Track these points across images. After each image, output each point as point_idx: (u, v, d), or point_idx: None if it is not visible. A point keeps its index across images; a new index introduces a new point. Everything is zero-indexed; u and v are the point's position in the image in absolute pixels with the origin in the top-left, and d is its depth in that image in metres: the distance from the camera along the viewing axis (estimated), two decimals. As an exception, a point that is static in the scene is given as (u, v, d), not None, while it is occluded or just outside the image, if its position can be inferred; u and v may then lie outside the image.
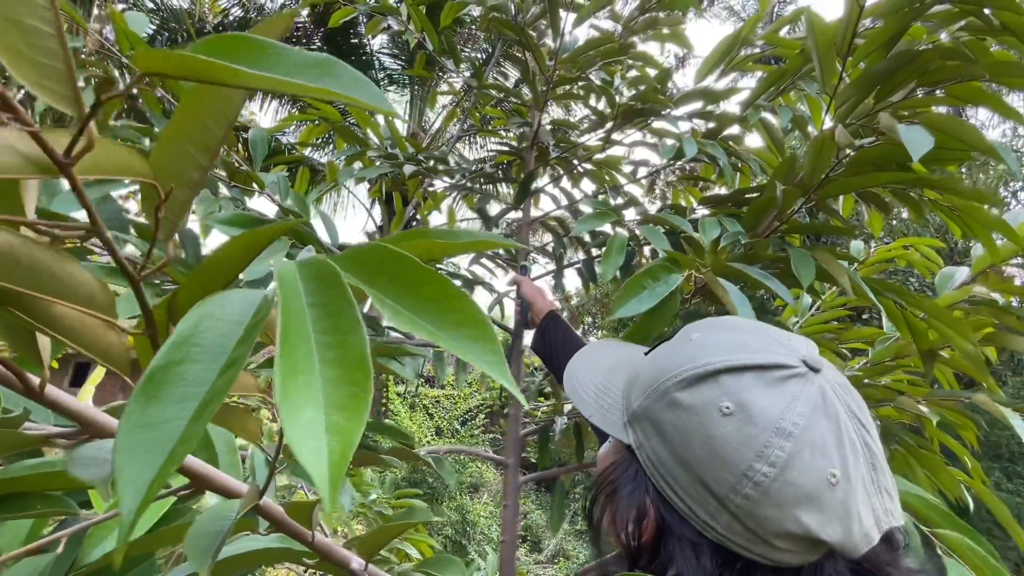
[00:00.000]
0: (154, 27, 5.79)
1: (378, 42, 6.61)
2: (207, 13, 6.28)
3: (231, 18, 6.22)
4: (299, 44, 6.33)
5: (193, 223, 0.96)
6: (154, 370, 0.20)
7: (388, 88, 6.84)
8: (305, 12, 6.17)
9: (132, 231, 0.74)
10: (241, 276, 0.79)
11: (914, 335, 0.84)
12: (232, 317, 0.24)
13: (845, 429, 0.35)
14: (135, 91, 1.13)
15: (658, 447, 0.37)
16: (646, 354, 0.45)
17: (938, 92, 0.84)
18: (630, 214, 1.22)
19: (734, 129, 1.27)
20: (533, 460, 1.27)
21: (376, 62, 6.71)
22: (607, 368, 0.48)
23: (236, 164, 1.10)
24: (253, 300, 0.24)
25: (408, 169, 1.30)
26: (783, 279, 0.73)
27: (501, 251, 1.58)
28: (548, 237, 1.54)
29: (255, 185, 1.16)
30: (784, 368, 0.36)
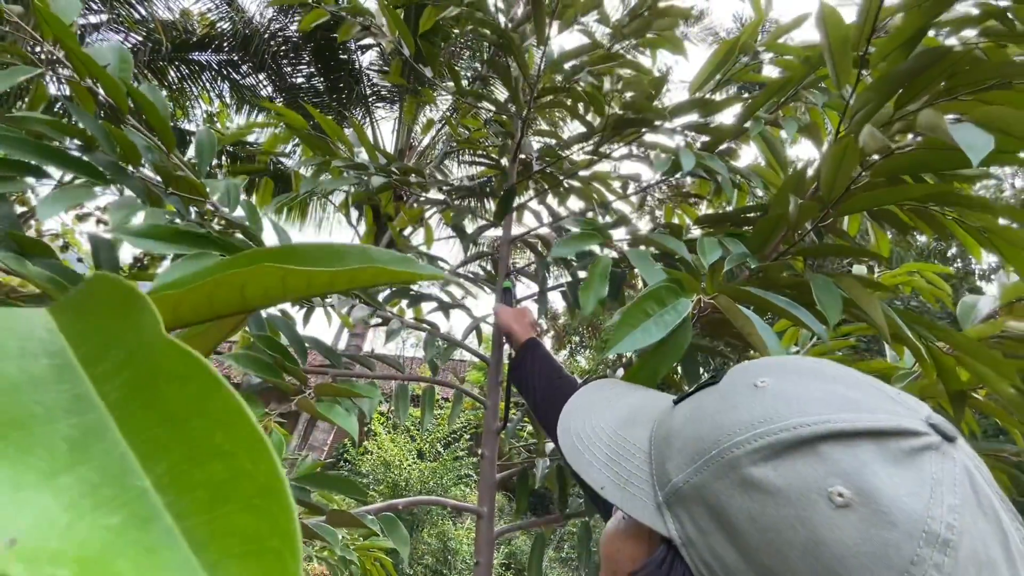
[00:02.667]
0: (140, 38, 5.66)
1: (367, 59, 6.55)
2: (195, 24, 6.18)
3: (218, 30, 6.12)
4: (287, 60, 6.24)
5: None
6: None
7: (377, 105, 6.76)
8: (294, 27, 6.11)
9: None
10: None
11: (942, 375, 0.73)
12: None
13: (1008, 530, 0.24)
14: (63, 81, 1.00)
15: (723, 548, 0.26)
16: (676, 402, 0.33)
17: (961, 98, 0.74)
18: (620, 233, 1.11)
19: (731, 142, 1.17)
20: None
21: (365, 78, 6.64)
22: (620, 419, 0.36)
23: (176, 169, 0.97)
24: None
25: (376, 181, 1.18)
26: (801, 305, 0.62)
27: (480, 270, 1.45)
28: (531, 255, 1.43)
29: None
30: (911, 436, 0.25)
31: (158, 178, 0.95)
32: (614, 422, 0.36)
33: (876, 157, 0.57)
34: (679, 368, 0.91)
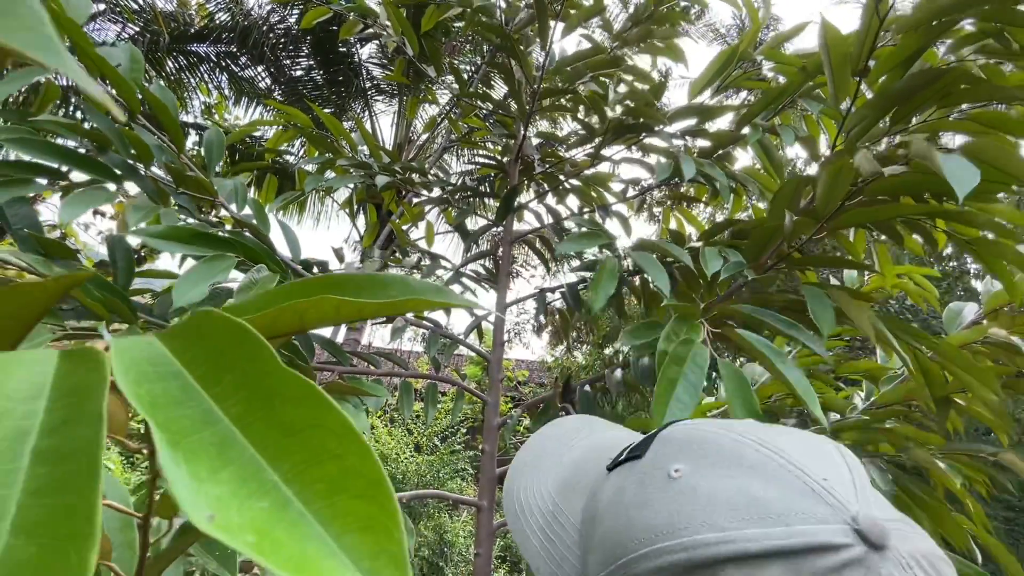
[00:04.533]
0: (137, 28, 5.63)
1: (366, 52, 6.53)
2: (193, 16, 6.14)
3: (217, 22, 6.09)
4: (286, 52, 6.21)
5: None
6: None
7: (376, 99, 6.75)
8: (293, 19, 6.08)
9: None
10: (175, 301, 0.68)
11: (928, 380, 0.77)
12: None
13: None
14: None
15: None
16: (609, 469, 0.31)
17: (952, 116, 0.77)
18: (622, 240, 1.14)
19: (728, 147, 1.20)
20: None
21: (364, 72, 6.63)
22: (561, 481, 0.33)
23: (187, 167, 0.99)
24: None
25: (380, 180, 1.21)
26: (793, 318, 0.65)
27: (483, 270, 1.48)
28: (531, 254, 1.45)
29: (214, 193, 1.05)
30: (828, 551, 0.22)
31: (168, 177, 0.97)
32: (554, 486, 0.34)
33: (870, 177, 0.60)
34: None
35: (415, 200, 1.66)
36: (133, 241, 0.84)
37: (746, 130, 1.07)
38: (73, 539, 0.09)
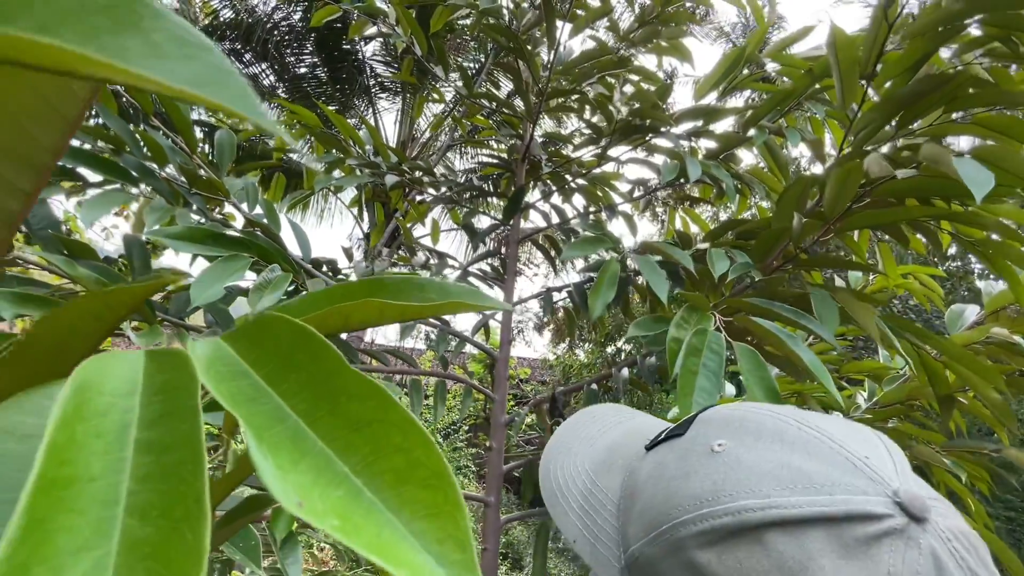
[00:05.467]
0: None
1: (370, 49, 6.54)
2: (198, 13, 6.16)
3: (221, 19, 6.10)
4: (290, 49, 6.22)
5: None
6: None
7: (380, 96, 6.75)
8: (297, 16, 6.09)
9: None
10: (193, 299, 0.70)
11: (931, 379, 0.78)
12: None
13: None
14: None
15: None
16: (648, 448, 0.32)
17: (955, 117, 0.78)
18: (627, 238, 1.15)
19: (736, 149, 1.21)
20: (517, 475, 1.18)
21: (368, 69, 6.64)
22: (597, 463, 0.34)
23: (198, 168, 1.00)
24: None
25: (390, 179, 1.22)
26: (799, 316, 0.66)
27: (489, 268, 1.49)
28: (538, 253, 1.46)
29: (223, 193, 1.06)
30: (869, 520, 0.23)
31: (182, 178, 0.99)
32: (591, 466, 0.34)
33: (879, 179, 0.61)
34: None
35: (420, 199, 1.67)
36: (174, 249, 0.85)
37: (752, 131, 1.08)
38: (187, 520, 0.10)
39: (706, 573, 0.24)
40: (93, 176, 0.85)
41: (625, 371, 0.99)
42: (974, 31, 0.78)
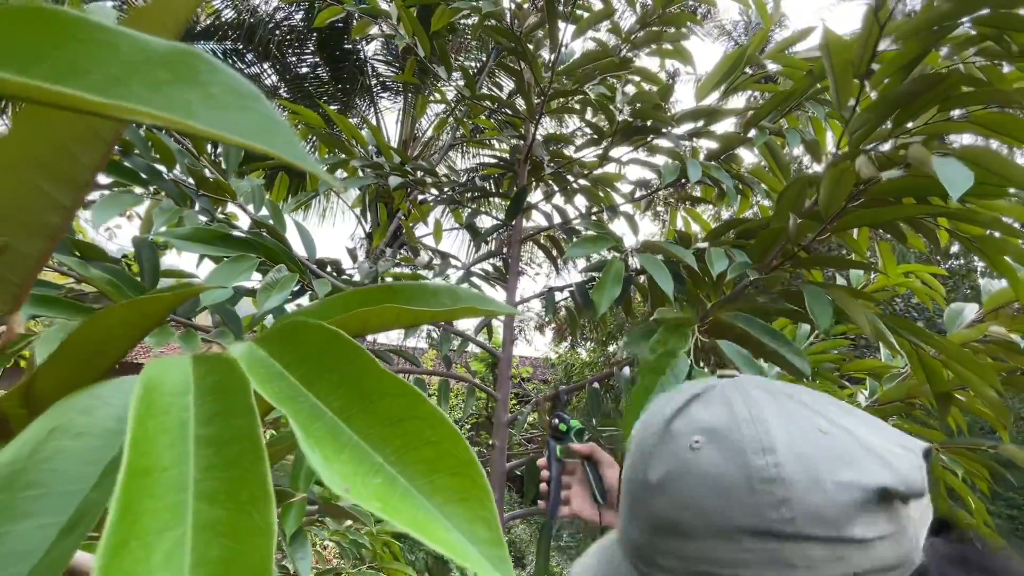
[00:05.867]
0: (142, 24, 5.65)
1: (371, 48, 6.54)
2: (199, 13, 6.17)
3: (223, 19, 6.12)
4: (292, 49, 6.23)
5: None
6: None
7: (381, 95, 6.76)
8: (299, 16, 6.10)
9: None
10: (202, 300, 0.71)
11: (929, 376, 0.79)
12: (102, 427, 0.16)
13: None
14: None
15: None
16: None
17: (954, 115, 0.79)
18: (628, 238, 1.16)
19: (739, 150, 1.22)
20: (519, 473, 1.19)
21: (369, 68, 6.65)
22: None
23: (204, 171, 1.02)
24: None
25: (393, 180, 1.23)
26: (795, 315, 0.67)
27: (491, 268, 1.51)
28: (540, 252, 1.48)
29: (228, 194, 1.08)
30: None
31: (189, 180, 1.00)
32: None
33: (870, 179, 0.62)
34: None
35: (422, 199, 1.68)
36: (182, 250, 0.87)
37: (753, 132, 1.09)
38: (253, 502, 0.11)
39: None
40: (102, 178, 0.86)
41: (627, 370, 1.00)
42: (969, 30, 0.79)
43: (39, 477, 0.14)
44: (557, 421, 0.66)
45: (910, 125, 0.77)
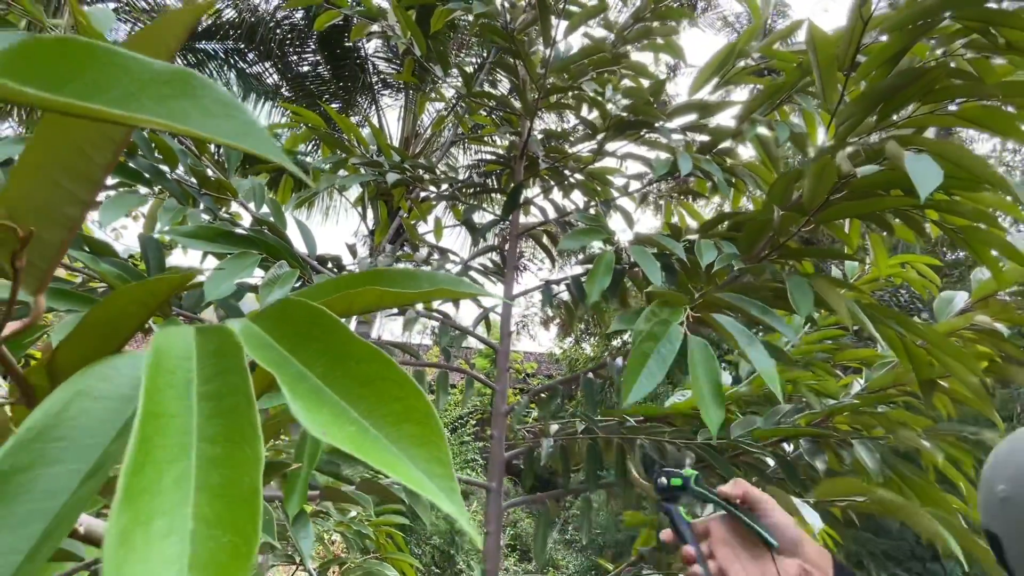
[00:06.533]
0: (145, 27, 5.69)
1: (372, 46, 6.56)
2: (199, 12, 6.18)
3: (224, 19, 6.14)
4: (293, 48, 6.26)
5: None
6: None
7: (382, 93, 6.78)
8: (299, 15, 6.12)
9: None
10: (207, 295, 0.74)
11: (914, 364, 0.81)
12: (118, 393, 0.19)
13: None
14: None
15: None
16: None
17: (951, 108, 0.81)
18: (628, 234, 1.18)
19: (728, 142, 1.24)
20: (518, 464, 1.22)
21: (370, 66, 6.66)
22: None
23: (207, 170, 1.04)
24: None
25: (391, 177, 1.26)
26: (779, 304, 0.69)
27: (490, 263, 1.53)
28: (538, 249, 1.50)
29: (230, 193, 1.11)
30: None
31: (192, 180, 1.03)
32: None
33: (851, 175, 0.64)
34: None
35: (424, 196, 1.71)
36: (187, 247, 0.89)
37: (744, 125, 1.11)
38: (245, 440, 0.14)
39: None
40: (108, 180, 0.89)
41: (620, 360, 1.02)
42: (955, 24, 0.80)
43: (66, 432, 0.17)
44: (664, 480, 0.53)
45: (896, 118, 0.79)
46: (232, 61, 6.12)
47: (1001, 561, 0.45)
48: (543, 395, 1.20)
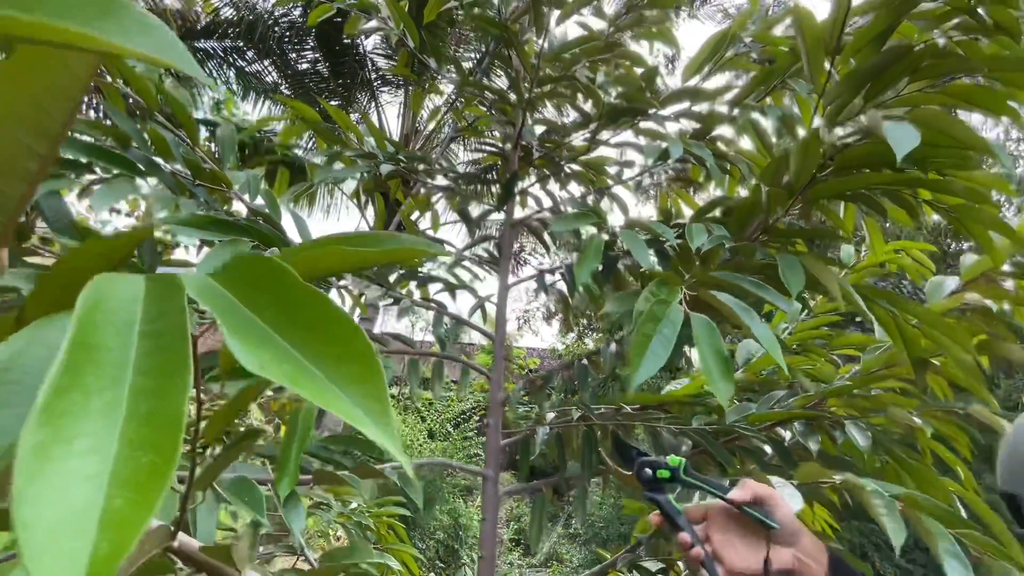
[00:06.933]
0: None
1: (371, 43, 6.55)
2: (199, 12, 6.20)
3: (222, 17, 6.15)
4: (291, 45, 6.26)
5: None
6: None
7: (382, 90, 6.78)
8: (298, 12, 6.11)
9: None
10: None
11: (906, 343, 0.81)
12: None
13: None
14: (93, 85, 1.07)
15: None
16: None
17: (926, 90, 0.80)
18: (618, 219, 1.18)
19: (727, 131, 1.23)
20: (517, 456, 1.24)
21: (369, 63, 6.66)
22: None
23: (202, 160, 1.05)
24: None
25: (385, 168, 1.26)
26: (771, 286, 0.69)
27: (484, 252, 1.53)
28: (534, 240, 1.50)
29: (224, 185, 1.11)
30: None
31: (187, 171, 1.03)
32: None
33: (839, 149, 0.64)
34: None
35: (422, 190, 1.71)
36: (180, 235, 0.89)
37: (736, 111, 1.11)
38: (176, 372, 0.14)
39: None
40: (102, 170, 0.90)
41: (613, 346, 1.02)
42: (943, 5, 0.80)
43: (19, 376, 0.17)
44: (650, 472, 0.52)
45: (884, 98, 0.78)
46: (231, 60, 6.13)
47: (1020, 520, 0.48)
48: (538, 382, 1.21)
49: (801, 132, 0.98)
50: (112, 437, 0.12)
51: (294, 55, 6.39)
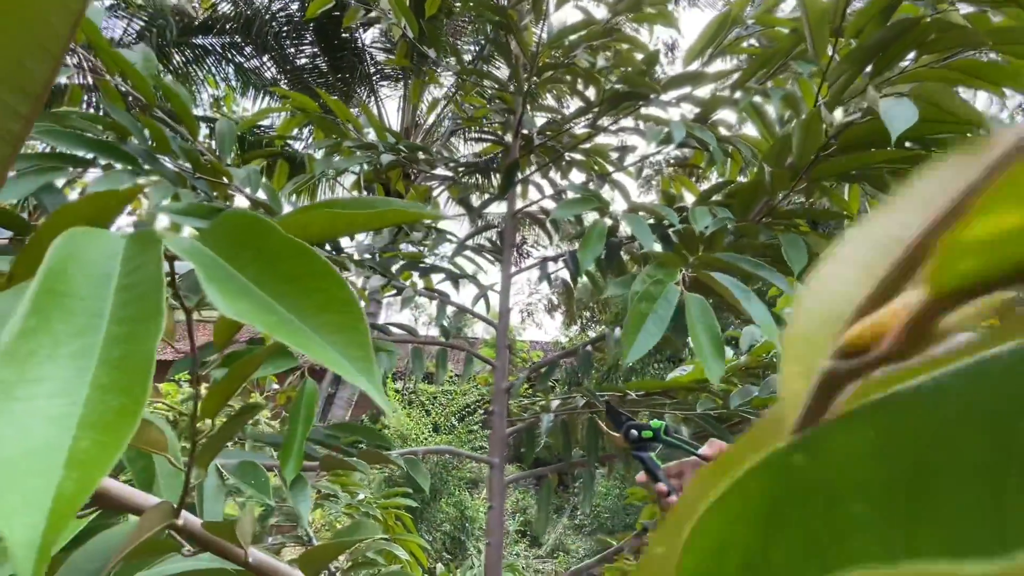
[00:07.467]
0: (143, 23, 5.69)
1: (370, 36, 6.52)
2: (197, 8, 6.18)
3: (220, 12, 6.13)
4: (290, 40, 6.23)
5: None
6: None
7: (381, 83, 6.75)
8: (295, 6, 6.09)
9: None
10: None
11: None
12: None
13: None
14: (92, 82, 1.07)
15: None
16: None
17: (932, 65, 0.79)
18: (620, 204, 1.17)
19: (730, 116, 1.22)
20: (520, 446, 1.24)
21: (368, 56, 6.63)
22: None
23: (201, 154, 1.05)
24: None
25: (385, 159, 1.25)
26: (774, 266, 0.68)
27: (486, 242, 1.53)
28: (537, 228, 1.49)
29: (225, 178, 1.11)
30: None
31: (187, 164, 1.03)
32: None
33: (841, 128, 0.63)
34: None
35: (428, 184, 1.70)
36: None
37: (738, 94, 1.09)
38: (149, 320, 0.13)
39: None
40: (102, 161, 0.90)
41: (618, 330, 1.02)
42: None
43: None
44: (635, 432, 0.57)
45: (889, 74, 0.77)
46: (230, 55, 6.11)
47: None
48: (541, 370, 1.20)
49: (804, 112, 0.97)
50: (83, 382, 0.12)
51: (292, 50, 6.37)
